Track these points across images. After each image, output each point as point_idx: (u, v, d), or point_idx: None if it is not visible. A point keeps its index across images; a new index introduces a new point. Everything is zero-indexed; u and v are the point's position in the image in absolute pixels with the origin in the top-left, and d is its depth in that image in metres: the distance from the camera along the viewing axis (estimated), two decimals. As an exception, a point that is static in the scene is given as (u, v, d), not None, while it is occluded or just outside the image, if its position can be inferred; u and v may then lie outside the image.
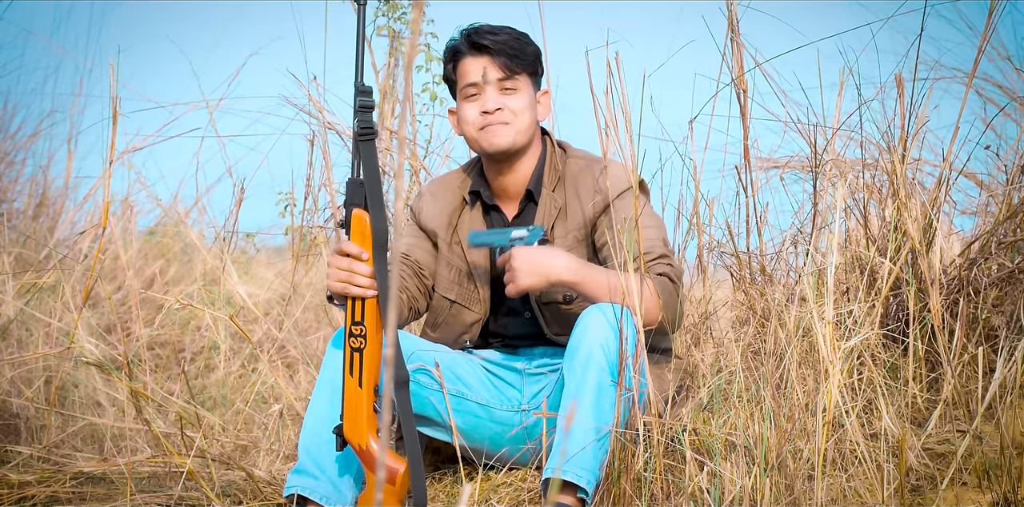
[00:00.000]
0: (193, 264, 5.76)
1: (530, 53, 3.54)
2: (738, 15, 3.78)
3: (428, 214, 3.68)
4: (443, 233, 3.65)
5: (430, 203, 3.70)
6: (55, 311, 4.62)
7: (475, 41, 3.52)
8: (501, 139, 3.52)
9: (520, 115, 3.51)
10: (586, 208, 3.50)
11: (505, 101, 3.51)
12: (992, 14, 3.65)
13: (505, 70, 3.50)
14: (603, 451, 3.13)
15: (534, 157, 3.59)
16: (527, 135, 3.54)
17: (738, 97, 3.80)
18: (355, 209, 3.14)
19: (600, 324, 3.18)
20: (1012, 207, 3.65)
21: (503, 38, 3.51)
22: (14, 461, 3.87)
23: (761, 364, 3.28)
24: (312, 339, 4.98)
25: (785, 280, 3.83)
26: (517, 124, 3.52)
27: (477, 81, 3.52)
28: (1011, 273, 3.60)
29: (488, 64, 3.51)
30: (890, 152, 3.66)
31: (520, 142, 3.53)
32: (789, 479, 3.00)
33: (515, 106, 3.51)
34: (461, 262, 3.63)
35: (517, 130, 3.52)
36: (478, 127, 3.52)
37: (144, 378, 4.39)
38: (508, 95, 3.52)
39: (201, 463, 3.70)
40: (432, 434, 3.57)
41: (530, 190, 3.56)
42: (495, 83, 3.51)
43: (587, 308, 3.23)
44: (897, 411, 3.45)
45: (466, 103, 3.55)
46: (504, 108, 3.51)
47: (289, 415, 4.29)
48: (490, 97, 3.51)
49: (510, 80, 3.51)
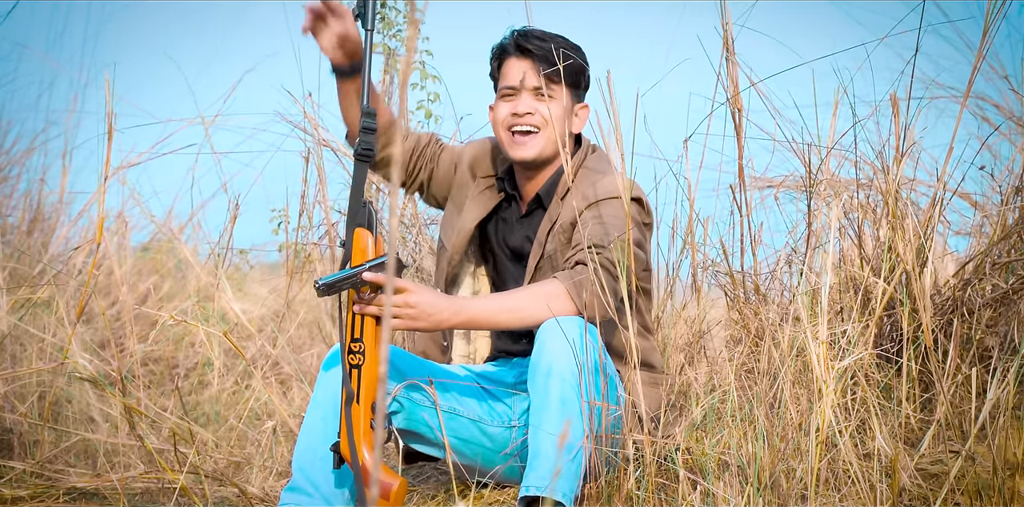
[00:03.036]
0: (187, 280, 5.76)
1: (575, 65, 3.53)
2: (733, 34, 3.79)
3: (473, 153, 3.75)
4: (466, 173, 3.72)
5: (475, 151, 3.76)
6: (49, 326, 4.63)
7: (521, 44, 3.53)
8: (528, 151, 3.53)
9: (551, 123, 3.51)
10: (568, 214, 3.50)
11: (538, 107, 3.51)
12: (987, 33, 3.66)
13: (544, 78, 3.50)
14: (578, 465, 3.14)
15: (556, 166, 3.59)
16: (555, 146, 3.53)
17: (733, 116, 3.81)
18: (357, 228, 3.17)
19: (557, 337, 3.19)
20: (1006, 228, 3.66)
21: (550, 46, 3.50)
22: (7, 476, 3.87)
23: (755, 383, 3.28)
24: (306, 356, 4.98)
25: (779, 299, 3.84)
26: (547, 133, 3.52)
27: (515, 84, 3.53)
28: (1005, 294, 3.60)
29: (529, 69, 3.51)
30: (884, 172, 3.67)
31: (547, 153, 3.54)
32: (782, 499, 3.01)
33: (547, 113, 3.51)
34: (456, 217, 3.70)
35: (546, 140, 3.52)
36: (506, 127, 3.54)
37: (138, 394, 4.39)
38: (543, 102, 3.51)
39: (194, 479, 3.70)
40: (425, 450, 3.57)
41: (539, 196, 3.58)
42: (531, 89, 3.52)
43: (543, 324, 3.24)
44: (890, 431, 3.46)
45: (501, 102, 3.57)
46: (536, 113, 3.51)
47: (283, 432, 4.29)
48: (524, 101, 3.51)
49: (547, 88, 3.50)
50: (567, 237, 3.49)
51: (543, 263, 3.54)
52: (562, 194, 3.55)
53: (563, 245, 3.50)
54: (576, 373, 3.14)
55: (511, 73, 3.54)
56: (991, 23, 3.65)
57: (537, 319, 3.23)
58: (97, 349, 4.87)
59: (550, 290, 3.25)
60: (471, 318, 3.21)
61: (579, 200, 3.44)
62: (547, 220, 3.55)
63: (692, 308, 4.09)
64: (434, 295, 3.15)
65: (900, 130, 3.67)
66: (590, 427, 3.14)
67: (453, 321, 3.18)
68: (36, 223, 5.82)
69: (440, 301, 3.15)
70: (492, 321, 3.26)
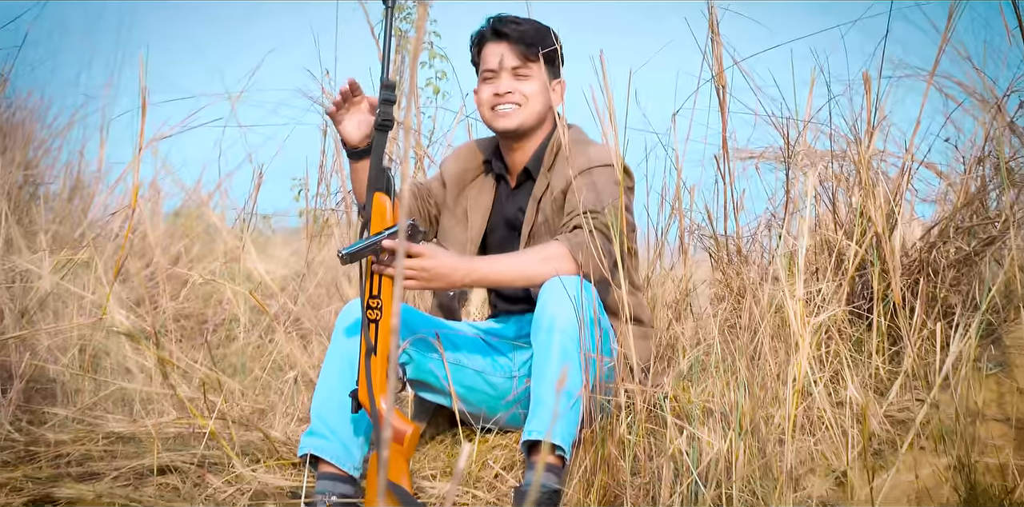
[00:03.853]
0: (215, 243, 5.75)
1: (547, 44, 3.54)
2: (718, 17, 3.77)
3: (450, 168, 3.75)
4: (453, 187, 3.72)
5: (453, 161, 3.77)
6: (88, 285, 4.61)
7: (497, 28, 3.56)
8: (509, 121, 3.55)
9: (531, 99, 3.54)
10: (559, 183, 3.51)
11: (518, 86, 3.54)
12: (952, 16, 3.65)
13: (520, 58, 3.52)
14: (576, 413, 3.14)
15: (539, 139, 3.61)
16: (535, 118, 3.56)
17: (717, 93, 3.79)
18: (376, 193, 3.15)
19: (558, 295, 3.18)
20: (969, 195, 3.65)
21: (524, 28, 3.54)
22: (51, 422, 3.87)
23: (737, 337, 3.27)
24: (324, 312, 4.97)
25: (759, 261, 3.83)
26: (528, 107, 3.54)
27: (494, 67, 3.55)
28: (967, 256, 3.59)
29: (506, 51, 3.54)
30: (857, 144, 3.66)
31: (527, 124, 3.55)
32: (761, 443, 3.00)
33: (526, 90, 3.54)
34: (464, 217, 3.69)
35: (527, 112, 3.55)
36: (490, 106, 3.57)
37: (170, 347, 4.39)
38: (521, 80, 3.54)
39: (222, 425, 3.70)
40: (433, 399, 3.58)
41: (528, 169, 3.59)
42: (510, 69, 3.52)
43: (545, 282, 3.24)
44: (861, 381, 3.45)
45: (484, 85, 3.59)
46: (515, 91, 3.54)
47: (303, 381, 4.29)
48: (504, 81, 3.54)
49: (524, 67, 3.53)
50: (559, 204, 3.49)
51: (536, 229, 3.54)
52: (549, 165, 3.57)
53: (555, 212, 3.50)
54: (576, 328, 3.14)
55: (489, 57, 3.57)
56: (955, 8, 3.64)
57: (542, 278, 3.23)
58: (133, 306, 4.86)
59: (553, 252, 3.25)
60: (482, 277, 3.21)
61: (571, 171, 3.44)
62: (538, 189, 3.56)
63: (679, 268, 4.08)
64: (448, 257, 3.15)
65: (871, 106, 3.66)
66: (587, 378, 3.13)
67: (465, 281, 3.17)
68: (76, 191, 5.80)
69: (453, 263, 3.14)
70: (500, 279, 3.26)
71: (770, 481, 2.95)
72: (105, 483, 3.41)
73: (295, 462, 3.57)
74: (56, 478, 3.45)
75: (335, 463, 3.23)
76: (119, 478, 3.46)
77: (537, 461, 3.09)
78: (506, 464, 3.52)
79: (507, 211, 3.66)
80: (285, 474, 3.53)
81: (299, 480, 3.41)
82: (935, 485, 3.17)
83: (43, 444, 3.68)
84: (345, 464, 3.24)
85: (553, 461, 3.12)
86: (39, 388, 4.12)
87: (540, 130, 3.61)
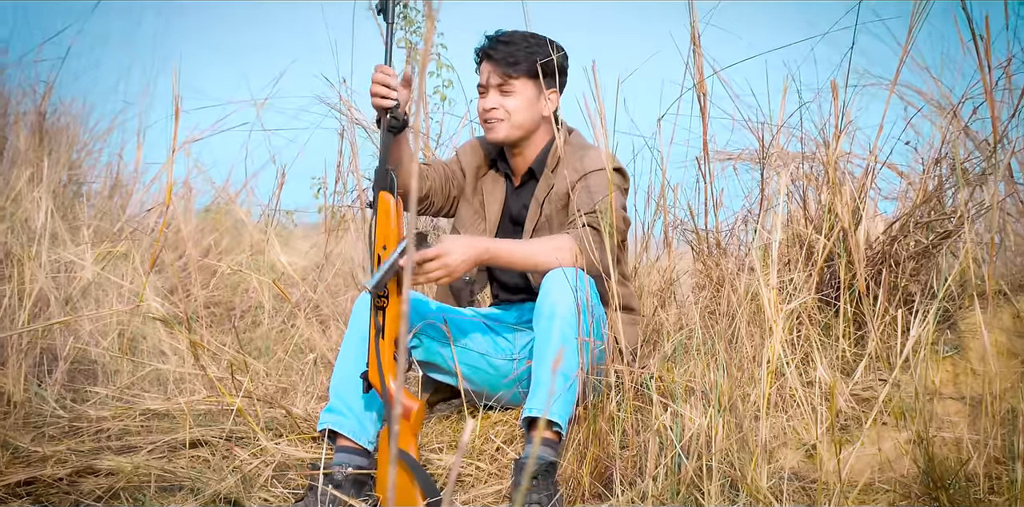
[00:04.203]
0: (242, 237, 5.75)
1: (532, 61, 3.50)
2: (699, 30, 3.76)
3: (466, 159, 3.73)
4: (471, 180, 3.70)
5: (470, 153, 3.74)
6: (127, 275, 4.61)
7: (486, 50, 3.55)
8: (495, 134, 3.55)
9: (514, 113, 3.52)
10: (562, 185, 3.51)
11: (502, 101, 3.53)
12: (912, 31, 3.64)
13: (502, 77, 3.51)
14: (572, 393, 3.14)
15: (539, 143, 3.59)
16: (522, 130, 3.55)
17: (699, 99, 3.78)
18: (381, 192, 3.15)
19: (560, 284, 3.18)
20: (927, 193, 3.65)
21: (511, 48, 3.51)
22: (93, 400, 3.87)
23: (716, 323, 3.27)
24: (341, 300, 4.97)
25: (737, 253, 3.82)
26: (511, 120, 3.53)
27: (483, 84, 3.54)
28: (926, 248, 3.59)
29: (492, 70, 3.53)
30: (825, 146, 3.66)
31: (513, 136, 3.55)
32: (739, 419, 3.00)
33: (509, 106, 3.52)
34: (480, 208, 3.68)
35: (511, 125, 3.54)
36: (481, 120, 3.58)
37: (201, 331, 4.39)
38: (505, 96, 3.53)
39: (248, 402, 3.70)
40: (441, 379, 3.58)
41: (532, 169, 3.58)
42: (495, 86, 3.52)
43: (548, 273, 3.23)
44: (829, 363, 3.45)
45: (479, 99, 3.57)
46: (499, 107, 3.53)
47: (322, 363, 4.29)
48: (490, 98, 3.54)
49: (507, 84, 3.51)
50: (563, 204, 3.50)
51: (540, 226, 3.54)
52: (552, 166, 3.56)
53: (558, 211, 3.51)
54: (574, 315, 3.14)
55: (482, 73, 3.57)
56: (915, 22, 3.63)
57: (546, 265, 3.23)
58: (167, 294, 4.86)
59: (560, 243, 3.26)
60: (494, 256, 3.19)
61: (571, 172, 3.45)
62: (541, 189, 3.56)
63: (664, 260, 4.08)
64: (462, 245, 3.12)
65: (839, 112, 3.66)
66: (584, 362, 3.13)
67: (482, 259, 3.15)
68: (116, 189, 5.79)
69: (468, 248, 3.12)
70: (511, 260, 3.24)
71: (746, 454, 2.95)
72: (142, 455, 3.41)
73: (315, 436, 3.58)
74: (97, 451, 3.45)
75: (351, 437, 3.23)
76: (154, 451, 3.47)
77: (536, 436, 3.09)
78: (507, 438, 3.52)
79: (512, 207, 3.65)
80: (305, 447, 3.53)
81: (318, 453, 3.42)
82: (896, 457, 3.17)
83: (85, 420, 3.68)
84: (361, 438, 3.24)
85: (550, 436, 3.13)
86: (82, 369, 4.12)
87: (538, 136, 3.59)
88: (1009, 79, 3.74)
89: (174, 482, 3.27)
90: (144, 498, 3.17)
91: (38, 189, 4.62)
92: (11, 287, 4.15)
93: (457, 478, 3.36)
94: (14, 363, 3.87)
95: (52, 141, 5.48)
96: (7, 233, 4.39)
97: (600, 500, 3.10)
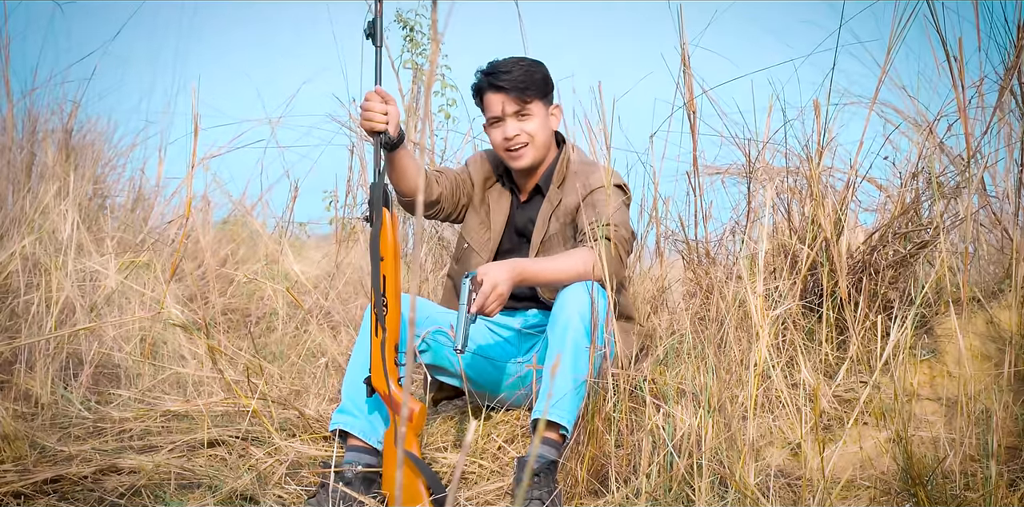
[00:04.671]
0: (257, 247, 5.74)
1: (538, 81, 3.47)
2: (689, 52, 3.76)
3: (475, 169, 3.68)
4: (479, 190, 3.66)
5: (479, 164, 3.69)
6: (148, 283, 4.61)
7: (492, 81, 3.47)
8: (523, 161, 3.50)
9: (536, 135, 3.49)
10: (571, 200, 3.49)
11: (522, 126, 3.48)
12: (890, 52, 3.65)
13: (519, 102, 3.45)
14: (579, 398, 3.13)
15: (547, 161, 3.57)
16: (545, 149, 3.53)
17: (689, 117, 3.78)
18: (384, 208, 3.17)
19: (578, 297, 3.17)
20: (905, 205, 3.65)
21: (515, 75, 3.44)
22: (116, 402, 3.87)
23: (706, 328, 3.27)
24: (352, 307, 4.97)
25: (725, 262, 3.82)
26: (536, 142, 3.49)
27: (499, 114, 3.48)
28: (904, 257, 3.59)
29: (505, 99, 3.45)
30: (808, 161, 3.66)
31: (539, 158, 3.52)
32: (727, 419, 2.99)
33: (531, 129, 3.48)
34: (486, 218, 3.64)
35: (536, 147, 3.50)
36: (503, 149, 3.50)
37: (219, 337, 4.38)
38: (524, 120, 3.48)
39: (263, 404, 3.69)
40: (447, 381, 3.57)
41: (539, 185, 3.56)
42: (512, 114, 3.48)
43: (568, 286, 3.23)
44: (813, 366, 3.45)
45: (492, 129, 3.51)
46: (522, 133, 3.48)
47: (333, 366, 4.28)
48: (510, 126, 3.47)
49: (524, 109, 3.47)
50: (570, 218, 3.48)
51: (547, 239, 3.52)
52: (558, 182, 3.53)
53: (565, 225, 3.49)
54: (588, 326, 3.13)
55: (492, 105, 3.48)
56: (893, 44, 3.64)
57: (571, 280, 3.22)
58: (186, 301, 4.85)
59: (584, 258, 3.24)
60: (528, 277, 3.18)
61: (582, 190, 3.43)
62: (548, 204, 3.53)
63: (656, 269, 4.07)
64: (503, 271, 3.11)
65: (821, 129, 3.66)
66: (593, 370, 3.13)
67: (516, 281, 3.14)
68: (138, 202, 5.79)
69: (508, 274, 3.11)
70: (540, 279, 3.22)
71: (735, 452, 2.94)
72: (162, 455, 3.41)
73: (326, 436, 3.57)
74: (120, 450, 3.45)
75: (361, 437, 3.23)
76: (174, 450, 3.46)
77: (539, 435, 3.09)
78: (508, 438, 3.51)
79: (518, 220, 3.63)
80: (318, 446, 3.52)
81: (330, 452, 3.41)
82: (877, 455, 3.16)
83: (109, 421, 3.68)
84: (370, 438, 3.23)
85: (555, 437, 3.12)
86: (105, 373, 4.11)
87: (546, 155, 3.57)
88: (982, 98, 3.75)
89: (193, 480, 3.26)
90: (164, 495, 3.16)
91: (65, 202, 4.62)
92: (39, 295, 4.14)
93: (461, 475, 3.36)
94: (42, 367, 3.87)
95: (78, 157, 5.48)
96: (35, 244, 4.39)
97: (596, 496, 3.10)
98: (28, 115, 5.30)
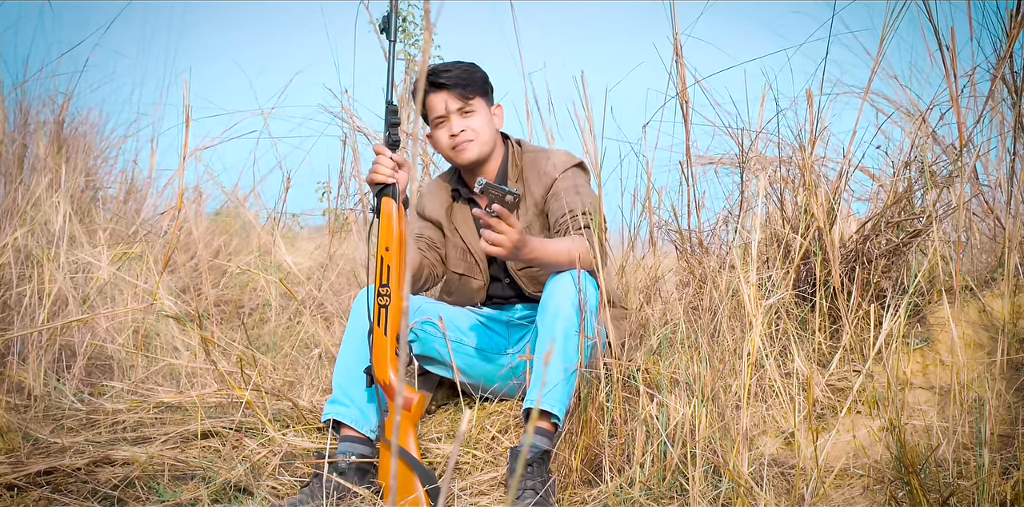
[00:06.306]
0: (250, 239, 5.73)
1: (478, 79, 3.50)
2: (681, 42, 3.75)
3: (429, 208, 3.68)
4: (444, 221, 3.66)
5: (429, 200, 3.69)
6: (141, 275, 4.60)
7: (433, 81, 3.48)
8: (469, 154, 3.50)
9: (481, 131, 3.50)
10: (537, 189, 3.49)
11: (467, 123, 3.48)
12: (882, 42, 3.64)
13: (461, 99, 3.47)
14: (570, 386, 3.13)
15: (497, 158, 3.57)
16: (490, 145, 3.53)
17: (681, 107, 3.78)
18: (384, 197, 3.17)
19: (565, 285, 3.16)
20: (897, 194, 3.64)
21: (455, 73, 3.47)
22: (109, 393, 3.86)
23: (699, 317, 3.26)
24: (344, 298, 4.96)
25: (718, 251, 3.82)
26: (480, 138, 3.50)
27: (443, 113, 3.49)
28: (896, 247, 3.59)
29: (447, 97, 3.47)
30: (801, 151, 3.65)
31: (484, 152, 3.52)
32: (721, 408, 2.99)
33: (475, 125, 3.49)
34: (462, 243, 3.62)
35: (481, 143, 3.50)
36: (450, 147, 3.51)
37: (212, 328, 4.37)
38: (468, 117, 3.49)
39: (256, 395, 3.68)
40: (438, 372, 3.57)
41: None
42: (456, 111, 3.48)
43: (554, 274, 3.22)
44: (806, 355, 3.44)
45: (438, 130, 3.52)
46: (467, 129, 3.48)
47: (326, 357, 4.27)
48: (454, 122, 3.48)
49: (467, 106, 3.48)
50: (540, 209, 3.48)
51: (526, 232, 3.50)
52: (515, 177, 3.54)
53: (537, 215, 3.49)
54: (576, 314, 3.12)
55: (435, 105, 3.49)
56: (885, 34, 3.63)
57: (567, 264, 3.18)
58: (179, 293, 4.84)
59: (577, 245, 3.20)
60: (528, 251, 3.06)
61: (544, 177, 3.43)
62: None
63: (649, 259, 4.07)
64: (520, 232, 3.02)
65: (814, 118, 3.65)
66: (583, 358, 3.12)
67: (522, 255, 3.04)
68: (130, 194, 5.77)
69: (525, 238, 3.02)
70: (539, 259, 3.13)
71: (728, 441, 2.94)
72: (155, 446, 3.40)
73: (320, 427, 3.56)
74: (113, 442, 3.44)
75: (355, 427, 3.23)
76: (168, 442, 3.45)
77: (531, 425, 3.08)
78: (501, 428, 3.51)
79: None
80: (311, 437, 3.52)
81: (323, 442, 3.40)
82: (870, 444, 3.16)
83: (102, 412, 3.67)
84: (363, 428, 3.23)
85: (547, 426, 3.12)
86: (98, 364, 4.10)
87: (495, 152, 3.57)
88: (974, 87, 3.75)
89: (186, 471, 3.26)
90: (158, 486, 3.15)
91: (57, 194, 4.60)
92: (31, 287, 4.13)
93: (455, 466, 3.35)
94: (34, 359, 3.86)
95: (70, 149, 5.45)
96: (28, 236, 4.37)
97: (590, 486, 3.09)
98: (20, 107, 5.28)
